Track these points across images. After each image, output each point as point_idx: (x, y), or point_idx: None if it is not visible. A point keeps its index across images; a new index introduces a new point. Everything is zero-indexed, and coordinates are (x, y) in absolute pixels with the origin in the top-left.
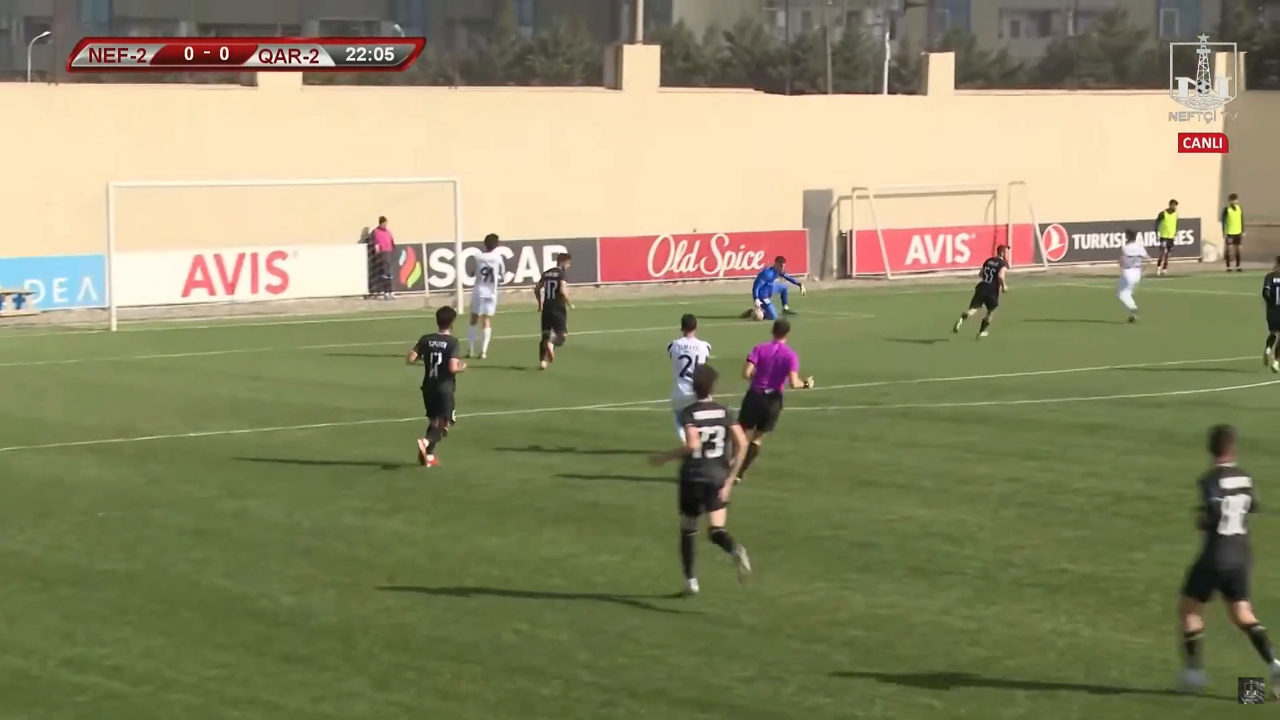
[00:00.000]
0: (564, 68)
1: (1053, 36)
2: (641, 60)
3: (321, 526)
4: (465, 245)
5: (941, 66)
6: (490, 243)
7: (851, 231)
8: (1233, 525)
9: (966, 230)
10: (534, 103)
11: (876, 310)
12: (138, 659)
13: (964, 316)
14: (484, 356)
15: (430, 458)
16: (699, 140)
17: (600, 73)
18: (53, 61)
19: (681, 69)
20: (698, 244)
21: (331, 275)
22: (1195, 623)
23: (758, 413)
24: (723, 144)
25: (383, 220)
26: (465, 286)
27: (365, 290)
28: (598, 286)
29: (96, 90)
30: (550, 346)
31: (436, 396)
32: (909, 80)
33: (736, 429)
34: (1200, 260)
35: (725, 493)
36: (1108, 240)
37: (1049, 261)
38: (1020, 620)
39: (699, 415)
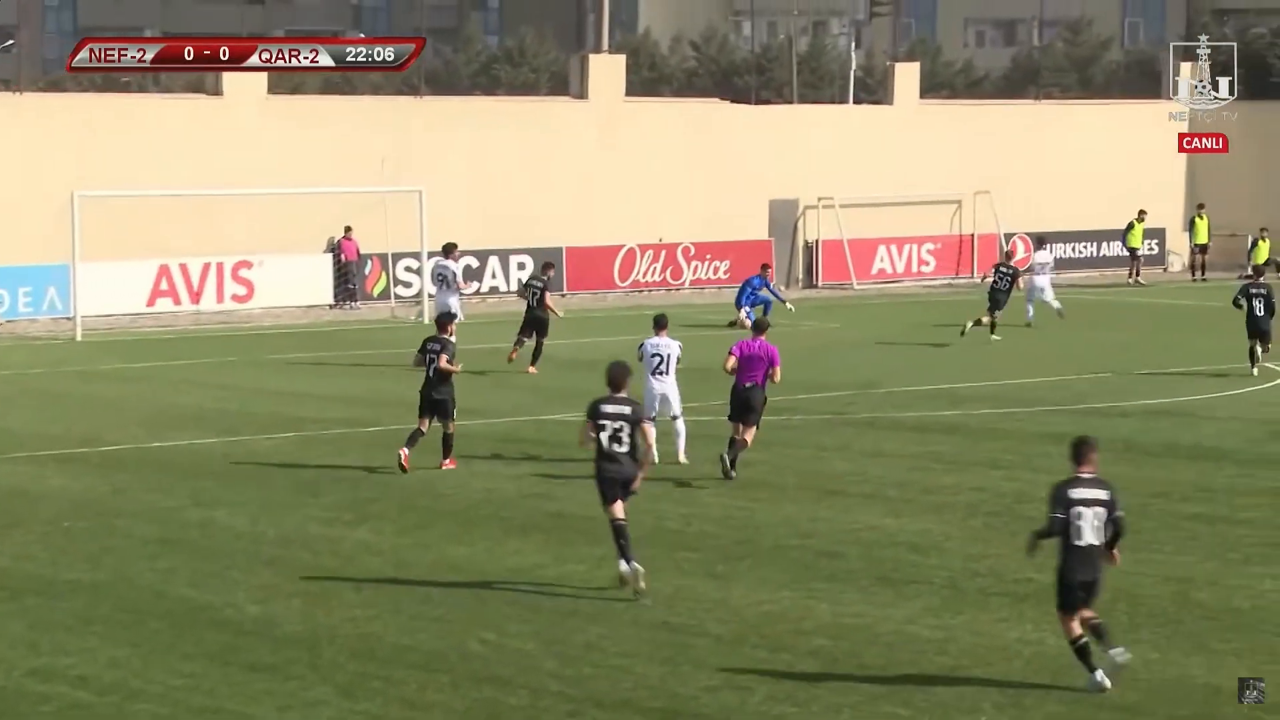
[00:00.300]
0: (530, 77)
1: (1018, 46)
2: (607, 69)
3: (287, 536)
4: (431, 255)
5: (907, 76)
6: (448, 250)
7: (817, 241)
8: (1085, 536)
9: (932, 240)
10: (500, 112)
11: (842, 320)
12: (104, 669)
13: (984, 323)
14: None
15: (447, 461)
16: (665, 149)
17: (566, 82)
18: (17, 70)
19: (647, 78)
20: (664, 253)
21: (297, 285)
22: (1076, 629)
23: (740, 406)
24: (689, 153)
25: (348, 230)
26: (430, 296)
27: (331, 300)
28: (564, 296)
29: (61, 99)
30: (515, 353)
31: (433, 399)
32: (874, 90)
33: (646, 425)
34: (1165, 270)
35: (636, 485)
36: (1074, 250)
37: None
38: (987, 629)
39: (604, 409)
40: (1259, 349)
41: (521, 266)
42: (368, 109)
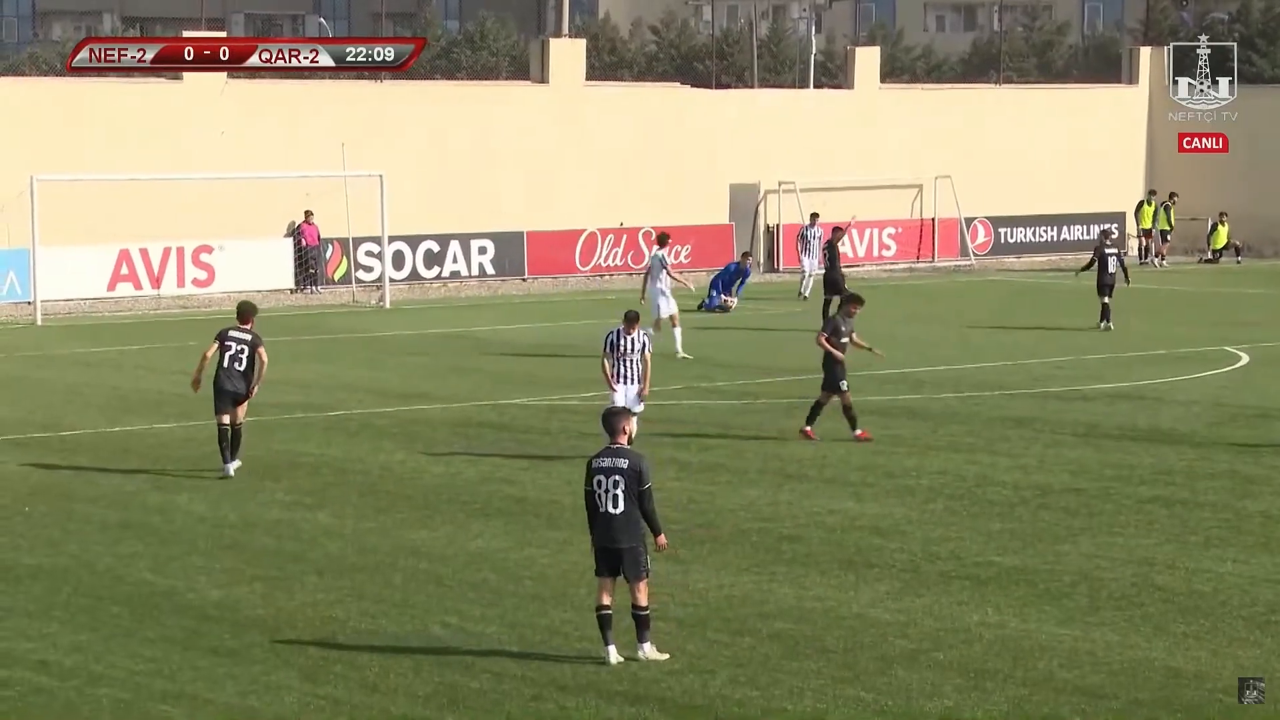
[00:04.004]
0: (490, 61)
1: (978, 31)
2: (568, 54)
3: (248, 520)
4: (391, 239)
5: (867, 61)
6: (662, 241)
7: (778, 225)
8: (605, 504)
9: (893, 224)
10: (460, 96)
11: (803, 304)
12: (65, 654)
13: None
14: (684, 355)
15: (859, 431)
16: (626, 134)
17: (526, 66)
18: None
19: (608, 63)
20: (625, 238)
21: (258, 269)
22: (604, 599)
23: None
24: (649, 138)
25: (309, 214)
26: (392, 281)
27: (291, 284)
28: (525, 280)
29: (20, 84)
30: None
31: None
32: (835, 74)
33: (261, 349)
34: (1125, 254)
35: (252, 394)
36: (1034, 234)
37: (975, 255)
38: (948, 612)
39: (230, 334)
40: (1107, 301)
41: (483, 251)
42: (328, 93)
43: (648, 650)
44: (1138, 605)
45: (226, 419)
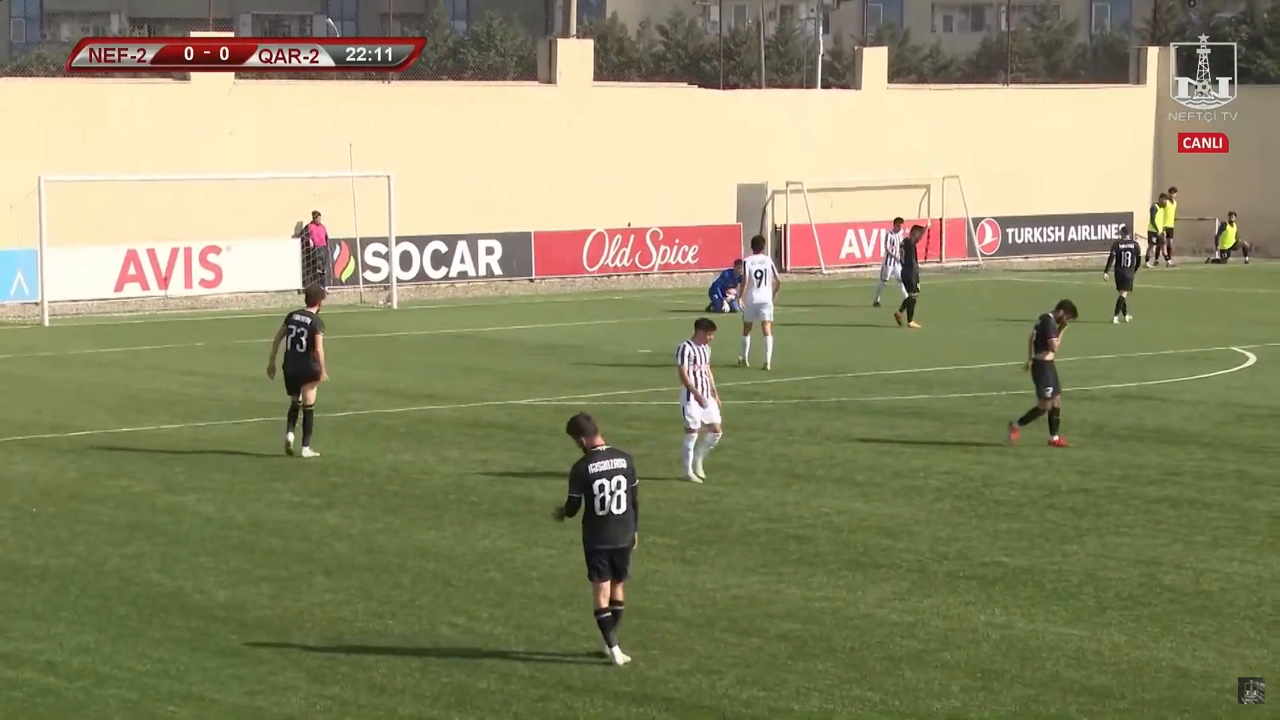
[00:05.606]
0: (497, 61)
1: (986, 31)
2: (575, 54)
3: (256, 520)
4: (399, 240)
5: (875, 61)
6: (757, 245)
7: (786, 225)
8: (611, 506)
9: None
10: (468, 97)
11: (811, 304)
12: (72, 654)
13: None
14: (768, 366)
15: (1055, 438)
16: (633, 134)
17: (534, 67)
18: None
19: (615, 63)
20: (632, 238)
21: (265, 270)
22: (604, 602)
23: None
24: (657, 138)
25: (316, 215)
26: (400, 281)
27: (299, 285)
28: (532, 280)
29: (28, 84)
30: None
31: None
32: (842, 74)
33: (318, 334)
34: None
35: (322, 376)
36: (1041, 234)
37: (982, 255)
38: (955, 613)
39: (294, 317)
40: (1125, 297)
41: (490, 251)
42: (335, 94)
43: (613, 652)
44: (1145, 605)
45: (301, 397)
